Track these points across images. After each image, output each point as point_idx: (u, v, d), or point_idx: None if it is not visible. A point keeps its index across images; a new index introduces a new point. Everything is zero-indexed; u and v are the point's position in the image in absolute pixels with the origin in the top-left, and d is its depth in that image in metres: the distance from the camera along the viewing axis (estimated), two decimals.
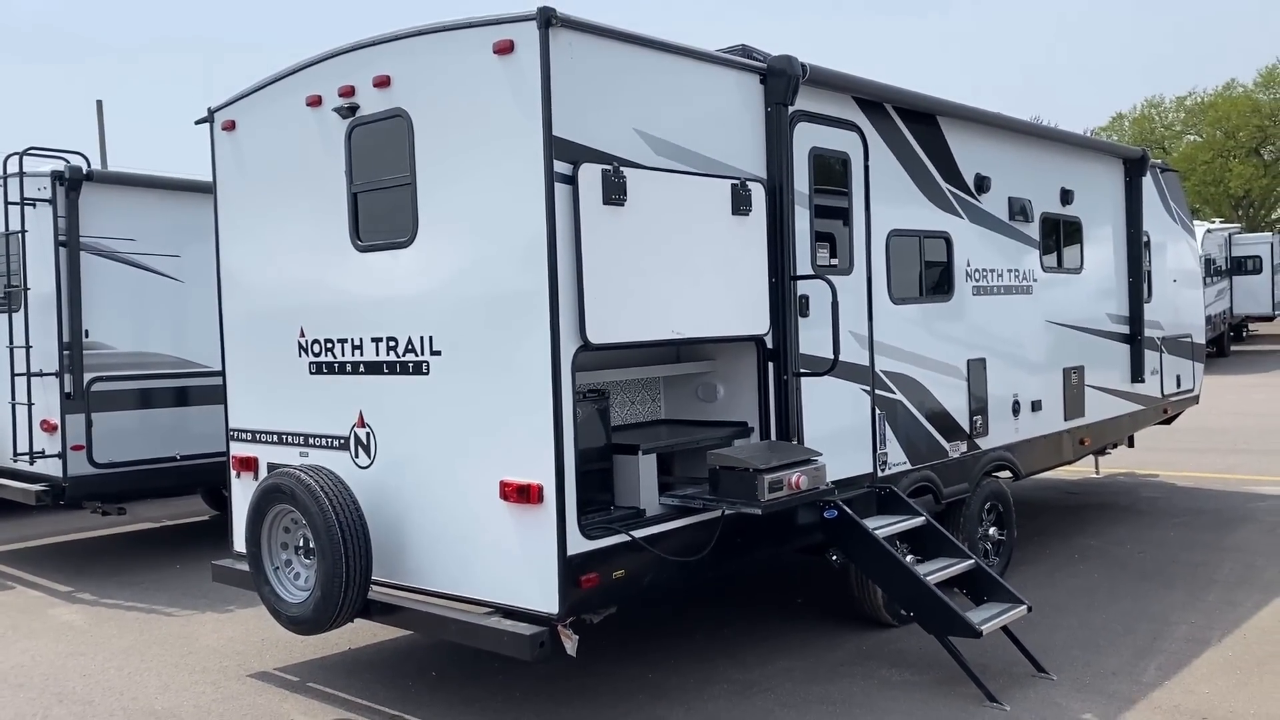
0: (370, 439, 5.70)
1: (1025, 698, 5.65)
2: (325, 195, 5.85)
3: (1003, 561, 8.02)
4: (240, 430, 6.52)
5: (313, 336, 6.00)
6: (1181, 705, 5.50)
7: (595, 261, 4.92)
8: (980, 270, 7.92)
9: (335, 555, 5.20)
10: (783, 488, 5.33)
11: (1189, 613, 7.06)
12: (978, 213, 7.89)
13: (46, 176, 8.71)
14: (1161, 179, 10.84)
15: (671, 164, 5.42)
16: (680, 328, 5.40)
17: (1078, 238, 9.21)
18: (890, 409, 6.95)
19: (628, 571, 5.18)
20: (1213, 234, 28.19)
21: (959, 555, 6.39)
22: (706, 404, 6.32)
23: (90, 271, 8.85)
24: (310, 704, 5.91)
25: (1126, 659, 6.21)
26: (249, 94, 6.35)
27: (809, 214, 6.31)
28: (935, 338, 7.44)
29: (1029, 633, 6.44)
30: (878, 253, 6.88)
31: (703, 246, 5.51)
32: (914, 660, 6.28)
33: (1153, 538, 9.29)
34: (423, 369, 5.41)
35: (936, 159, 7.48)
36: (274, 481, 5.54)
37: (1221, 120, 46.55)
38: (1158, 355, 10.43)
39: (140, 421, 9.11)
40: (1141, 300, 9.98)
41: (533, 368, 4.89)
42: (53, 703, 6.08)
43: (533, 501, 4.91)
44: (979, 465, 7.82)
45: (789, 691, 5.87)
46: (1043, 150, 8.81)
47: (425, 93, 5.33)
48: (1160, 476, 12.31)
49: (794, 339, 6.08)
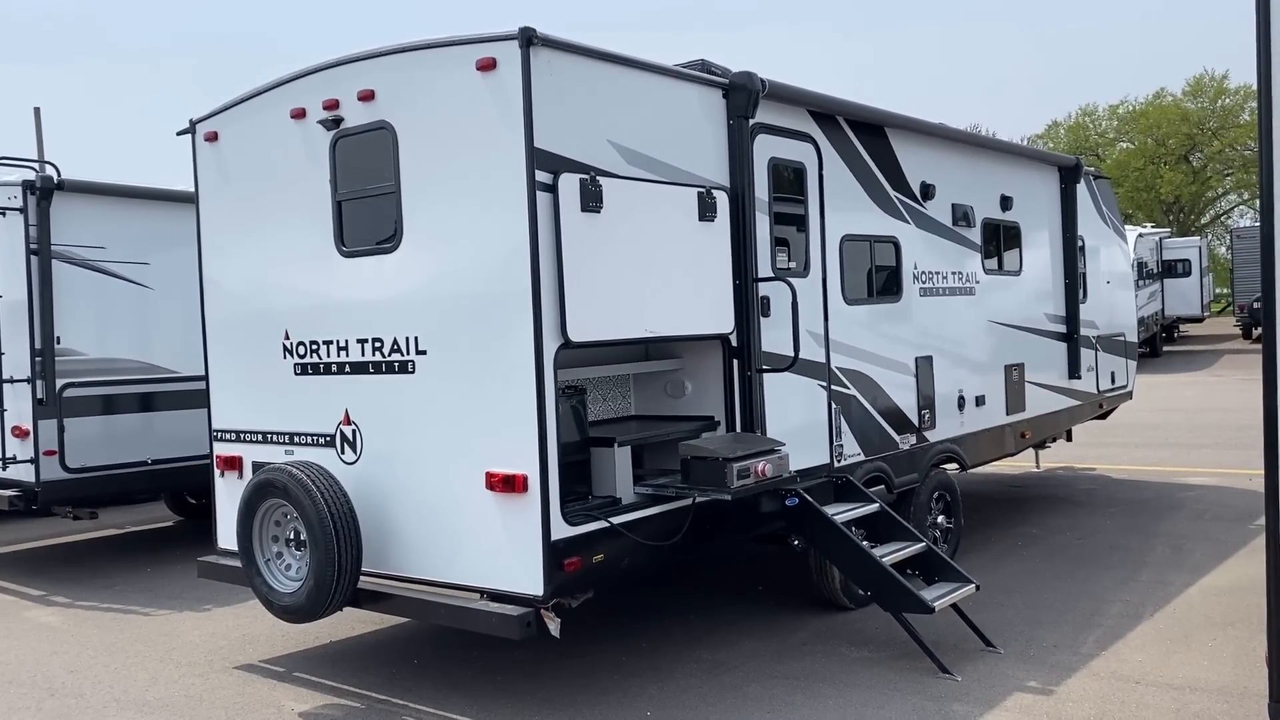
0: (356, 436, 5.97)
1: (975, 669, 6.07)
2: (309, 203, 6.11)
3: (951, 548, 8.47)
4: (225, 431, 6.75)
5: (298, 339, 6.25)
6: (1117, 672, 5.96)
7: (575, 264, 5.25)
8: (926, 273, 8.38)
9: (327, 546, 5.47)
10: (750, 475, 5.70)
11: (1123, 591, 7.56)
12: (924, 218, 8.35)
13: (18, 186, 8.83)
14: (1095, 186, 11.43)
15: (642, 173, 5.78)
16: (653, 326, 5.75)
17: (1017, 242, 9.72)
18: (845, 403, 7.36)
19: (607, 556, 5.51)
20: (1144, 238, 29.22)
21: (911, 539, 6.81)
22: (675, 399, 6.67)
23: (61, 279, 8.98)
24: (300, 691, 6.16)
25: (1067, 633, 6.67)
26: (231, 106, 6.59)
27: (769, 220, 6.69)
28: (885, 337, 7.87)
29: (977, 612, 6.87)
30: (832, 256, 7.30)
31: (672, 250, 5.87)
32: (872, 639, 6.69)
33: (1090, 525, 9.82)
34: (408, 368, 5.70)
35: (885, 168, 7.91)
36: (266, 477, 5.79)
37: (1152, 128, 48.10)
38: (1093, 353, 10.99)
39: (111, 427, 9.25)
40: (1077, 301, 10.53)
41: (517, 364, 5.21)
42: (44, 696, 6.25)
43: (518, 490, 5.23)
44: (928, 457, 8.26)
45: (756, 669, 6.23)
46: (983, 159, 9.31)
47: (409, 106, 5.63)
48: (1097, 470, 12.91)
49: (757, 337, 6.45)
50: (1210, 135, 47.02)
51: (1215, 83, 47.32)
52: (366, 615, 6.72)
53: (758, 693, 5.85)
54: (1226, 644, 6.35)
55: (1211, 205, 52.59)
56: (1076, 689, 5.73)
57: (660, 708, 5.68)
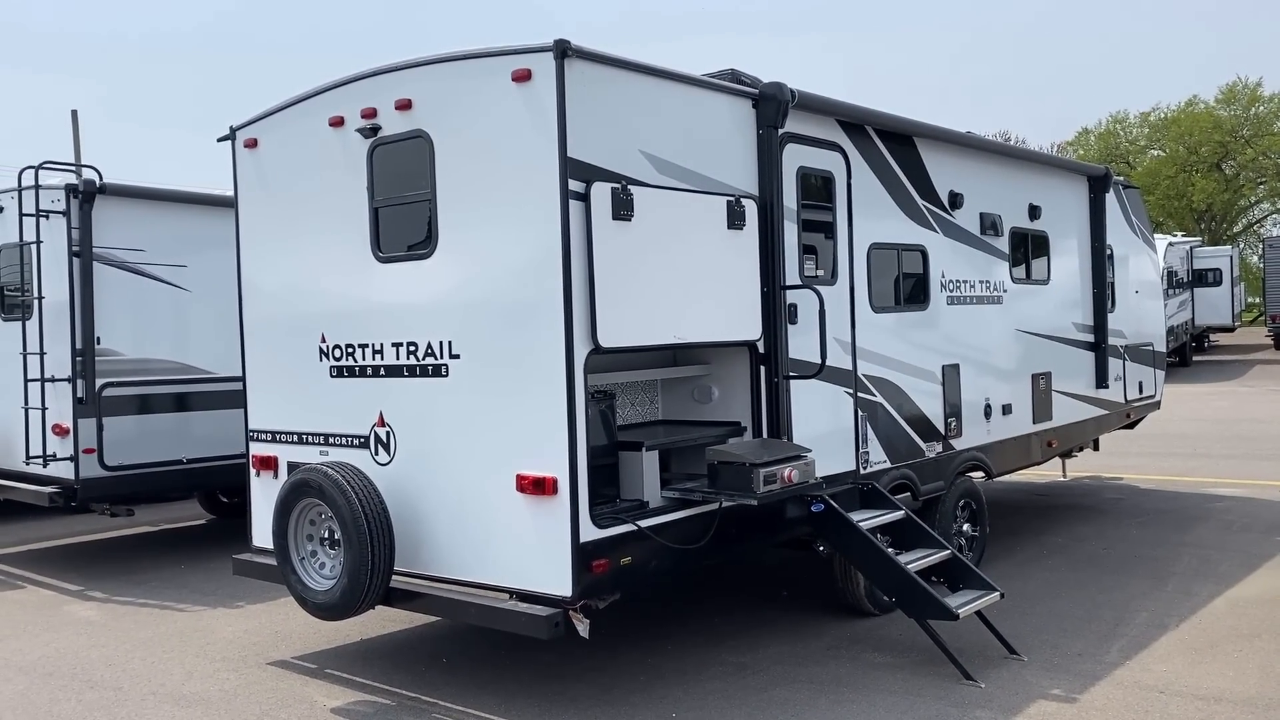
0: (390, 437, 6.09)
1: (999, 676, 6.11)
2: (346, 209, 6.24)
3: (976, 555, 8.50)
4: (260, 431, 6.89)
5: (334, 342, 6.39)
6: (1141, 681, 5.98)
7: (606, 271, 5.35)
8: (954, 281, 8.42)
9: (361, 545, 5.59)
10: (776, 481, 5.78)
11: (1149, 601, 7.57)
12: (951, 227, 8.39)
13: (60, 189, 9.04)
14: (1124, 195, 11.42)
15: (673, 182, 5.87)
16: (682, 332, 5.84)
17: (1045, 251, 9.74)
18: (871, 411, 7.41)
19: (634, 558, 5.60)
20: (1174, 247, 29.05)
21: (936, 546, 6.85)
22: (702, 405, 6.76)
23: (102, 281, 9.18)
24: (331, 688, 6.28)
25: (1091, 642, 6.69)
26: (271, 114, 6.74)
27: (797, 228, 6.77)
28: (912, 345, 7.92)
29: (1001, 619, 6.91)
30: (859, 264, 7.36)
31: (701, 258, 5.95)
32: (895, 645, 6.74)
33: (1116, 535, 9.82)
34: (442, 371, 5.82)
35: (913, 177, 7.97)
36: (302, 477, 5.92)
37: (1184, 136, 47.74)
38: (1121, 362, 10.98)
39: (148, 426, 9.43)
40: (1105, 310, 10.53)
41: (549, 369, 5.32)
42: (84, 689, 6.41)
43: (548, 493, 5.33)
44: (954, 465, 8.30)
45: (780, 673, 6.30)
46: (1012, 168, 9.34)
47: (445, 115, 5.75)
48: (1124, 479, 12.87)
49: (784, 344, 6.53)
50: (1243, 143, 46.62)
51: (1249, 90, 46.93)
52: (396, 614, 6.84)
53: (782, 696, 5.92)
54: (1253, 655, 6.35)
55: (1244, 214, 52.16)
56: (1100, 698, 5.76)
57: (685, 710, 5.76)
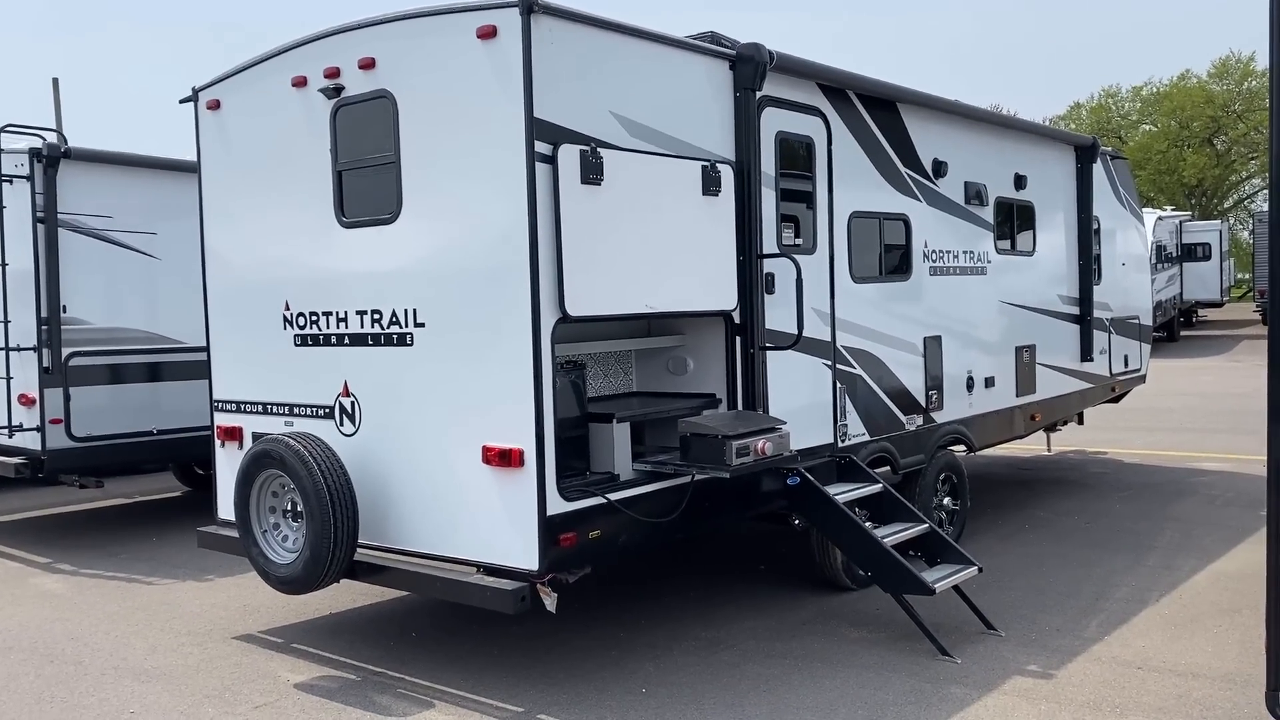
0: (355, 408, 5.94)
1: (975, 651, 6.02)
2: (309, 173, 6.06)
3: (957, 530, 8.40)
4: (225, 401, 6.73)
5: (297, 310, 6.22)
6: (1119, 656, 5.89)
7: (574, 237, 5.18)
8: (937, 252, 8.27)
9: (324, 517, 5.45)
10: (749, 453, 5.64)
11: (1130, 576, 7.48)
12: (935, 196, 8.24)
13: (24, 153, 8.82)
14: (1111, 166, 11.26)
15: (645, 145, 5.69)
16: (653, 302, 5.68)
17: (1030, 222, 9.59)
18: (850, 383, 7.28)
19: (603, 532, 5.47)
20: (1164, 221, 28.92)
21: (914, 520, 6.74)
22: (676, 376, 6.61)
23: (67, 248, 8.97)
24: (296, 662, 6.16)
25: (1070, 617, 6.60)
26: (234, 74, 6.53)
27: (775, 195, 6.60)
28: (893, 316, 7.78)
29: (980, 594, 6.81)
30: (840, 233, 7.20)
31: (674, 225, 5.79)
32: (872, 620, 6.64)
33: (1100, 509, 9.73)
34: (407, 340, 5.66)
35: (896, 144, 7.80)
36: (263, 448, 5.77)
37: (1176, 110, 47.53)
38: (1106, 336, 10.87)
39: (117, 396, 9.26)
40: (1091, 283, 10.40)
41: (515, 338, 5.16)
42: (44, 663, 6.27)
43: (514, 465, 5.18)
44: (934, 438, 8.18)
45: (754, 648, 6.19)
46: (998, 137, 9.17)
47: (409, 74, 5.56)
48: (1109, 454, 12.80)
49: (760, 314, 6.38)
50: (1235, 118, 46.44)
51: (1241, 65, 46.70)
52: (367, 587, 6.72)
53: (755, 671, 5.81)
54: (1233, 630, 6.27)
55: (1235, 189, 52.02)
56: (1077, 673, 5.66)
57: (655, 685, 5.65)
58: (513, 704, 5.45)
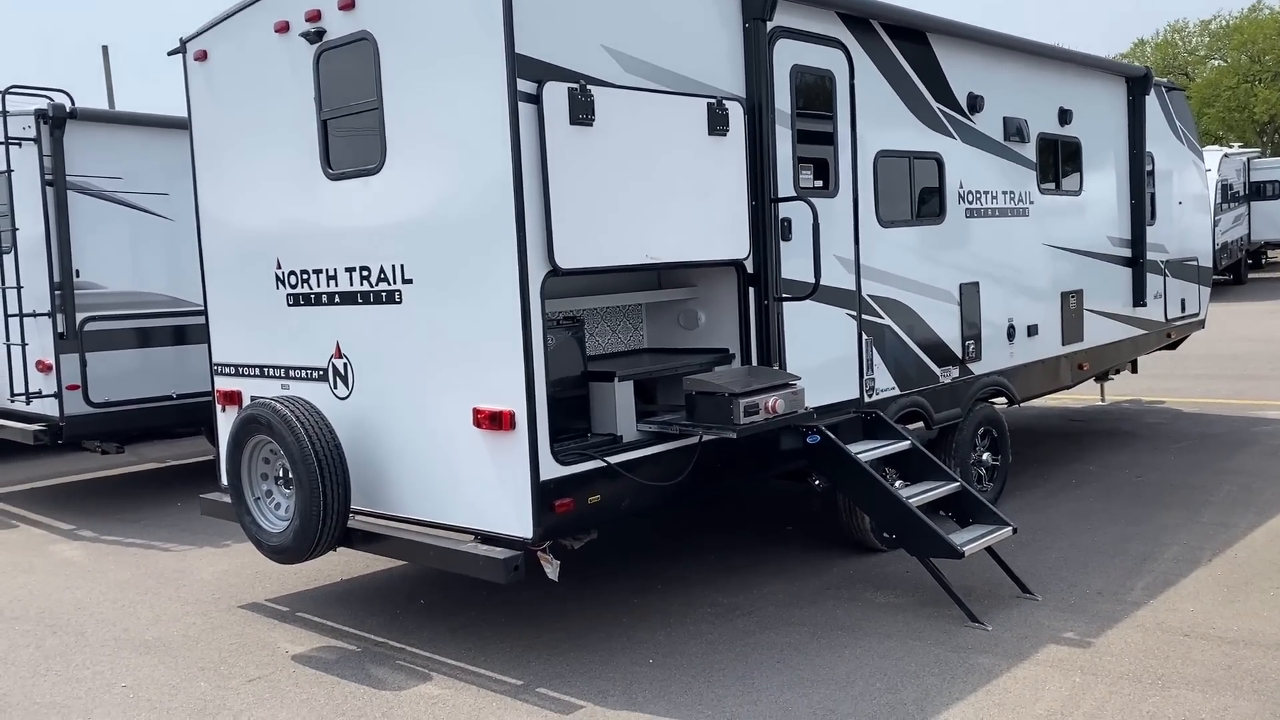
0: (348, 369, 5.68)
1: (1008, 618, 5.64)
2: (296, 124, 5.76)
3: (997, 487, 7.99)
4: (223, 364, 6.52)
5: (289, 268, 5.96)
6: (1165, 623, 5.48)
7: (562, 183, 4.83)
8: (974, 192, 7.78)
9: (312, 484, 5.21)
10: (759, 412, 5.29)
11: (1181, 534, 7.02)
12: (971, 133, 7.73)
13: (30, 115, 8.64)
14: (1167, 98, 10.58)
15: (643, 82, 5.30)
16: (655, 252, 5.32)
17: (1077, 159, 9.02)
18: (878, 334, 6.86)
19: (604, 497, 5.16)
20: (1230, 158, 27.66)
21: (944, 479, 6.34)
22: (688, 331, 6.26)
23: (79, 211, 8.81)
24: (298, 632, 5.97)
25: (1114, 579, 6.19)
26: (219, 22, 6.24)
27: (791, 134, 6.18)
28: (926, 262, 7.33)
29: (1018, 555, 6.43)
30: (865, 174, 6.75)
31: (678, 168, 5.40)
32: (900, 584, 6.28)
33: (1153, 462, 9.23)
34: (395, 298, 5.37)
35: (927, 78, 7.30)
36: (251, 412, 5.54)
37: (1247, 44, 45.49)
38: (1161, 279, 10.27)
39: (135, 361, 9.13)
40: (1144, 223, 9.80)
41: (501, 294, 4.84)
42: (46, 634, 6.16)
43: (505, 428, 4.89)
44: (972, 390, 7.75)
45: (772, 615, 5.88)
46: (1040, 69, 8.59)
47: (389, 13, 5.21)
48: (1166, 403, 12.20)
49: (775, 263, 5.99)
50: None
51: None
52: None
53: (770, 640, 5.50)
54: None
55: None
56: (1117, 641, 5.27)
57: (664, 655, 5.37)
58: (512, 676, 5.20)
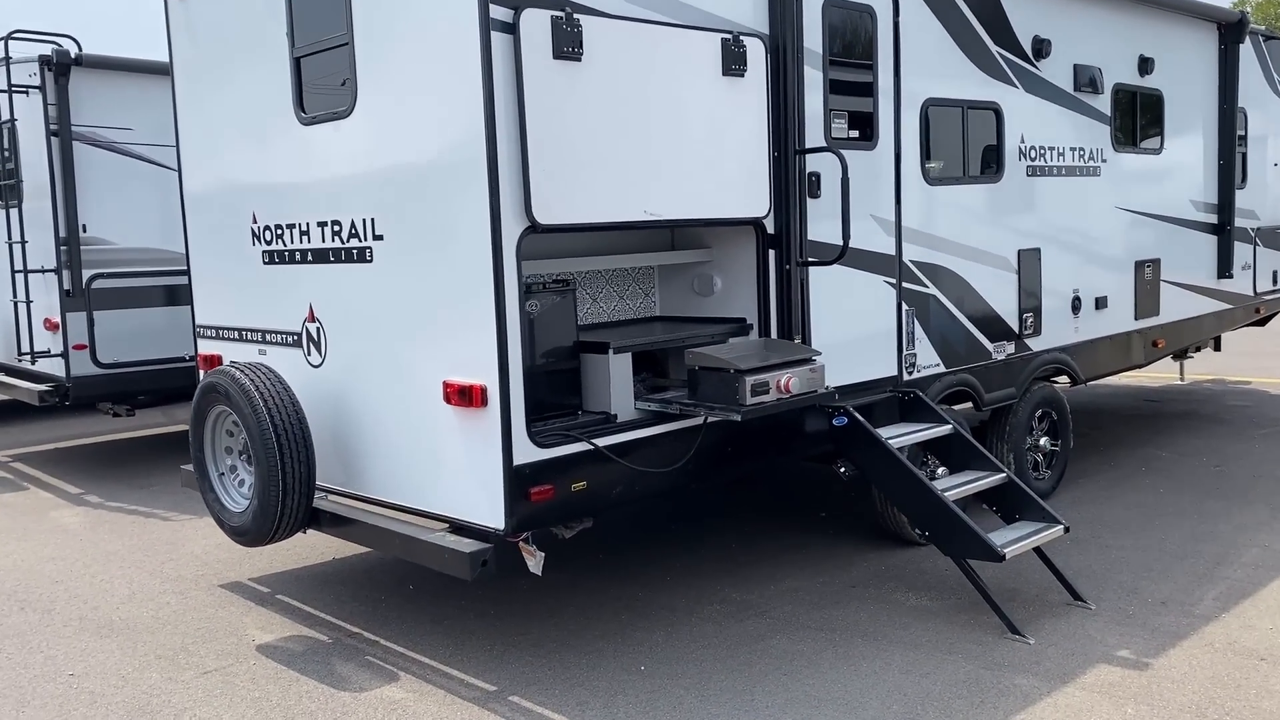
0: (320, 335, 5.17)
1: (1055, 630, 4.96)
2: (270, 64, 5.23)
3: (1055, 475, 7.25)
4: (206, 327, 6.08)
5: (264, 223, 5.46)
6: (1237, 642, 4.75)
7: (542, 127, 4.22)
8: (1037, 148, 6.98)
9: (270, 461, 4.72)
10: (769, 391, 4.65)
11: (1262, 534, 6.23)
12: (1035, 82, 6.92)
13: (35, 62, 8.26)
14: (1265, 48, 9.57)
15: (644, 12, 4.65)
16: (655, 208, 4.69)
17: (1158, 113, 8.12)
18: (921, 305, 6.16)
19: (591, 483, 4.58)
20: None
21: (990, 468, 5.65)
22: (703, 298, 5.63)
23: (85, 163, 8.43)
24: (271, 618, 5.52)
25: (1181, 586, 5.45)
26: None
27: (822, 77, 5.48)
28: (979, 224, 6.58)
29: (1073, 555, 5.75)
30: (909, 125, 6.02)
31: (685, 113, 4.75)
32: (935, 584, 5.62)
33: (1233, 450, 8.37)
34: (366, 256, 4.83)
35: (985, 18, 6.51)
36: (210, 380, 5.06)
37: None
38: (1251, 248, 9.33)
39: (145, 320, 8.76)
40: (1233, 186, 8.88)
41: (472, 253, 4.26)
42: (15, 610, 5.81)
43: (475, 404, 4.33)
44: (1029, 368, 6.99)
45: (786, 615, 5.27)
46: (1118, 11, 7.70)
47: None
48: (1252, 384, 11.24)
49: (800, 223, 5.32)
50: None
51: None
52: None
53: (780, 648, 4.89)
54: None
55: None
56: (1181, 664, 4.56)
57: (658, 661, 4.79)
58: (486, 680, 4.67)
